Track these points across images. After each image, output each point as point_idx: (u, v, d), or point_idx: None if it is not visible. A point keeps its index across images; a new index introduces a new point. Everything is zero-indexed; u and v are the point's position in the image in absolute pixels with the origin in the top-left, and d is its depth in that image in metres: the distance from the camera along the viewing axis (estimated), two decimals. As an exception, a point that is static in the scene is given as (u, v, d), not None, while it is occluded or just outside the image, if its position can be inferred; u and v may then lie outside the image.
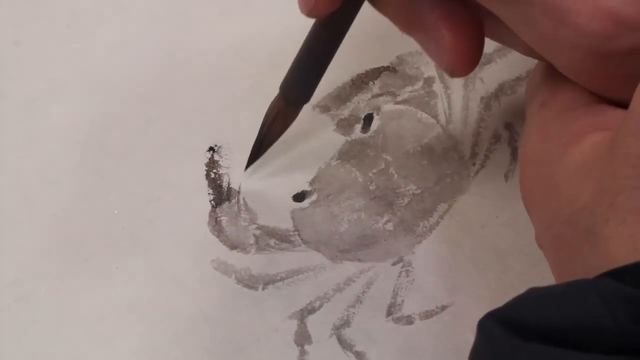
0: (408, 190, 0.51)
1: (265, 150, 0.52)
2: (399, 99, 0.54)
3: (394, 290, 0.48)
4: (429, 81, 0.54)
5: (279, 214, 0.51)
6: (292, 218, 0.51)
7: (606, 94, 0.39)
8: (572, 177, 0.37)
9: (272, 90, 0.53)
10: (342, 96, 0.54)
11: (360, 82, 0.54)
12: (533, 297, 0.33)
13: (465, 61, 0.43)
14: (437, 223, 0.50)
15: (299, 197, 0.51)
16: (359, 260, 0.49)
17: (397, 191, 0.51)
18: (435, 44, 0.44)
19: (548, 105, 0.40)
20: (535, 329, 0.31)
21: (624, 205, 0.33)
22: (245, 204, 0.51)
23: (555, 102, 0.40)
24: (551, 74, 0.41)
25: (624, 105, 0.36)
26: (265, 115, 0.51)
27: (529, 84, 0.42)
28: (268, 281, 0.49)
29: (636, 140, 0.34)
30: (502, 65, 0.53)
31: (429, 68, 0.54)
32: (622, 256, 0.33)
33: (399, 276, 0.49)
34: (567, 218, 0.36)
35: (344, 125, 0.53)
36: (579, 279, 0.32)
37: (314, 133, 0.53)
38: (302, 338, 0.48)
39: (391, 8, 0.45)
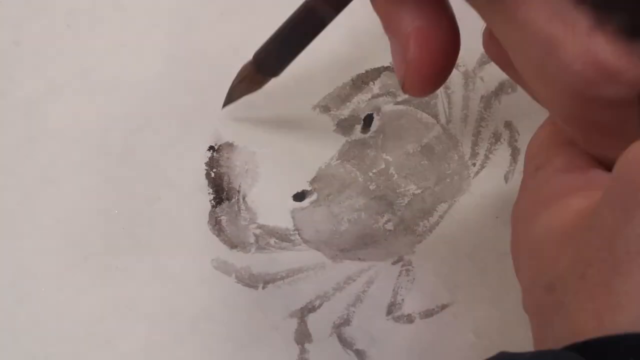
0: (408, 190, 0.51)
1: (225, 105, 0.53)
2: (399, 99, 0.54)
3: (394, 289, 0.48)
4: (429, 81, 0.54)
5: (279, 213, 0.51)
6: (293, 217, 0.51)
7: (594, 149, 0.39)
8: (553, 243, 0.36)
9: (272, 89, 0.53)
10: (342, 96, 0.54)
11: (360, 82, 0.54)
12: None
13: (419, 81, 0.42)
14: (437, 223, 0.50)
15: (299, 196, 0.51)
16: (359, 259, 0.49)
17: (397, 191, 0.51)
18: (399, 52, 0.42)
19: (542, 169, 0.40)
20: None
21: (593, 279, 0.33)
22: (245, 203, 0.51)
23: (550, 165, 0.39)
24: (550, 139, 0.40)
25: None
26: (237, 75, 0.52)
27: (529, 147, 0.42)
28: (268, 280, 0.49)
29: (611, 212, 0.33)
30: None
31: (429, 68, 0.54)
32: (587, 331, 0.32)
33: (399, 275, 0.49)
34: (545, 285, 0.36)
35: (344, 126, 0.53)
36: (545, 349, 0.32)
37: (314, 133, 0.53)
38: (303, 336, 0.48)
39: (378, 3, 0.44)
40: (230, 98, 0.53)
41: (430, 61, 0.42)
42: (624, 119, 0.37)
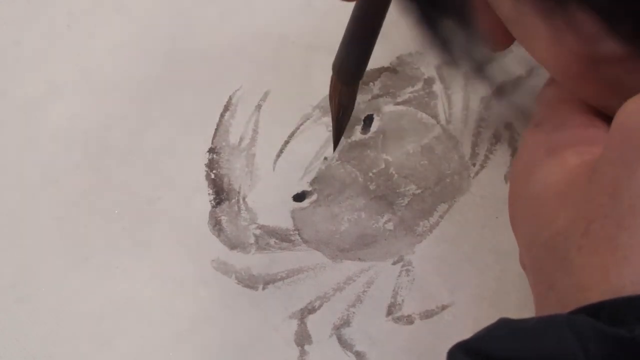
0: (408, 190, 0.51)
1: (344, 129, 0.52)
2: (399, 99, 0.54)
3: (394, 290, 0.48)
4: (429, 82, 0.54)
5: (279, 213, 0.51)
6: (293, 218, 0.51)
7: (597, 103, 0.39)
8: (551, 200, 0.37)
9: (272, 89, 0.53)
10: (342, 97, 0.54)
11: (360, 83, 0.54)
12: (504, 330, 0.32)
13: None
14: (437, 223, 0.50)
15: (299, 197, 0.51)
16: (360, 259, 0.49)
17: (397, 191, 0.51)
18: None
19: (541, 126, 0.40)
20: None
21: (597, 234, 0.33)
22: (245, 203, 0.51)
23: (549, 122, 0.40)
24: (552, 97, 0.41)
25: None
26: (329, 99, 0.51)
27: (536, 104, 0.42)
28: (268, 281, 0.49)
29: (611, 167, 0.34)
30: (502, 64, 0.53)
31: (429, 69, 0.54)
32: (593, 285, 0.33)
33: (399, 275, 0.49)
34: (545, 241, 0.36)
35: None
36: (552, 314, 0.32)
37: (315, 134, 0.53)
38: (302, 338, 0.48)
39: None
40: (339, 134, 0.53)
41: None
42: (622, 73, 0.37)
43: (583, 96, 0.39)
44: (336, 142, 0.52)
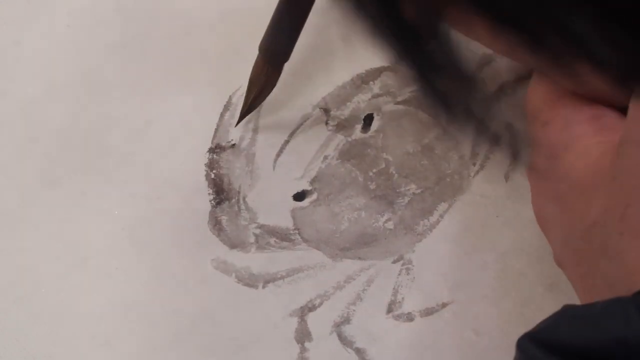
0: (408, 189, 0.51)
1: (253, 109, 0.53)
2: (399, 99, 0.54)
3: (394, 288, 0.48)
4: (429, 81, 0.54)
5: (279, 213, 0.51)
6: (293, 217, 0.51)
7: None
8: (580, 192, 0.37)
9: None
10: (342, 96, 0.54)
11: (360, 82, 0.54)
12: (570, 317, 0.32)
13: None
14: (438, 222, 0.50)
15: (299, 196, 0.51)
16: (360, 258, 0.49)
17: (398, 190, 0.51)
18: None
19: (550, 124, 0.40)
20: (576, 351, 0.31)
21: (636, 217, 0.33)
22: (246, 203, 0.51)
23: (557, 120, 0.40)
24: (549, 93, 0.41)
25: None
26: (250, 77, 0.52)
27: (528, 104, 0.42)
28: (268, 279, 0.49)
29: (637, 149, 0.34)
30: (502, 65, 0.53)
31: (429, 68, 0.54)
32: None
33: (399, 274, 0.49)
34: (582, 234, 0.36)
35: (345, 126, 0.53)
36: (615, 297, 0.32)
37: (314, 133, 0.53)
38: (303, 335, 0.48)
39: None
40: (250, 107, 0.52)
41: None
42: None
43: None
44: (242, 118, 0.53)
